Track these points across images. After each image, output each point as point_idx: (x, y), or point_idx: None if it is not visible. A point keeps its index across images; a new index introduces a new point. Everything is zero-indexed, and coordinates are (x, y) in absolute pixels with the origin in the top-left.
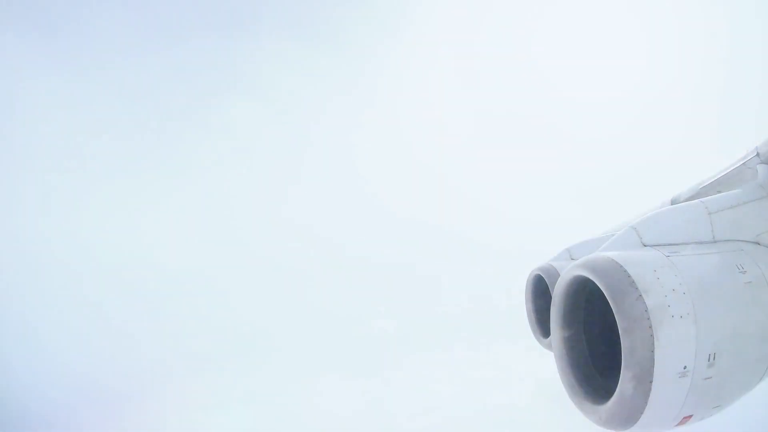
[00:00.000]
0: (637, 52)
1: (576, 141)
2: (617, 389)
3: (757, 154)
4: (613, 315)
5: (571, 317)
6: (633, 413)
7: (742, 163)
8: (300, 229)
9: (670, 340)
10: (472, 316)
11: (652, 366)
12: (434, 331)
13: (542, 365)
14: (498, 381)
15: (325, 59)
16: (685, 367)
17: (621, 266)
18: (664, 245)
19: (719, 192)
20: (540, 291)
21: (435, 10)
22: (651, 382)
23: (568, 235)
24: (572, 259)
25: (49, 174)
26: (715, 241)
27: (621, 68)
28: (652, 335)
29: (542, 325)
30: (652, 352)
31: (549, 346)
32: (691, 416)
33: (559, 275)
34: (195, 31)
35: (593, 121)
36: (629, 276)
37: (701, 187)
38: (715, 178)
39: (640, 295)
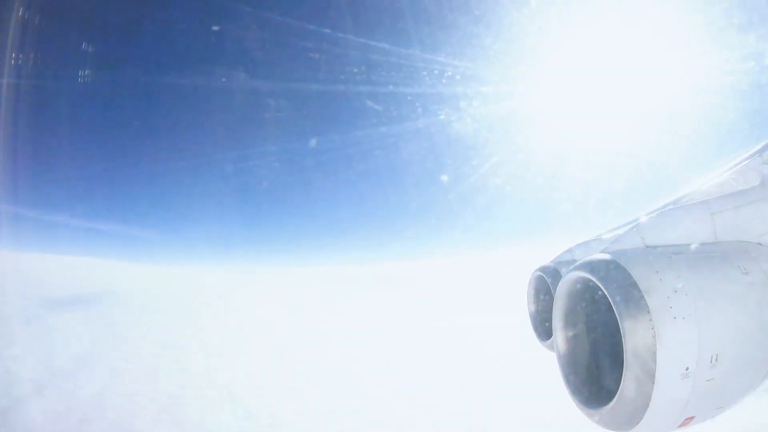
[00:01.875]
0: (643, 56)
1: (578, 142)
2: (619, 390)
3: (761, 155)
4: (615, 316)
5: (572, 318)
6: (635, 415)
7: (745, 163)
8: None
9: (672, 342)
10: (474, 317)
11: (654, 367)
12: (435, 331)
13: (544, 366)
14: (500, 382)
15: None
16: (687, 369)
17: (623, 267)
18: (667, 246)
19: (722, 193)
20: (542, 292)
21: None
22: (653, 383)
23: (570, 236)
24: (574, 259)
25: None
26: (717, 242)
27: (625, 70)
28: (654, 336)
29: (544, 326)
30: (654, 353)
31: (551, 347)
32: (693, 417)
33: (561, 276)
34: None
35: (595, 122)
36: (631, 277)
37: (704, 187)
38: (718, 179)
39: (642, 296)
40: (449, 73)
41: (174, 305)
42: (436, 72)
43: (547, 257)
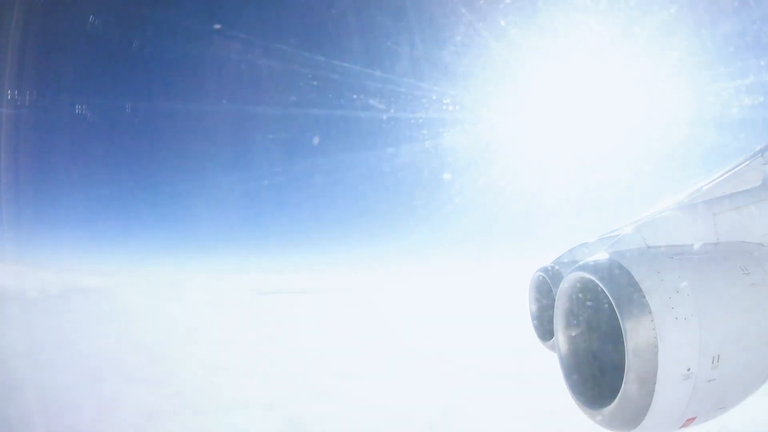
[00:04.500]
0: (643, 55)
1: (579, 143)
2: (620, 391)
3: (762, 156)
4: (617, 316)
5: (574, 319)
6: (636, 415)
7: (746, 164)
8: None
9: (673, 342)
10: (475, 318)
11: (656, 368)
12: (437, 331)
13: (545, 367)
14: (501, 382)
15: None
16: (688, 369)
17: (624, 267)
18: (668, 246)
19: (724, 193)
20: (543, 292)
21: None
22: (654, 384)
23: (571, 237)
24: (575, 260)
25: None
26: (719, 243)
27: (625, 70)
28: (655, 337)
29: (545, 327)
30: (656, 354)
31: (552, 348)
32: (694, 418)
33: (562, 276)
34: None
35: (597, 124)
36: (633, 277)
37: (705, 188)
38: (720, 179)
39: (644, 297)
40: (448, 86)
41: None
42: (434, 89)
43: (548, 258)
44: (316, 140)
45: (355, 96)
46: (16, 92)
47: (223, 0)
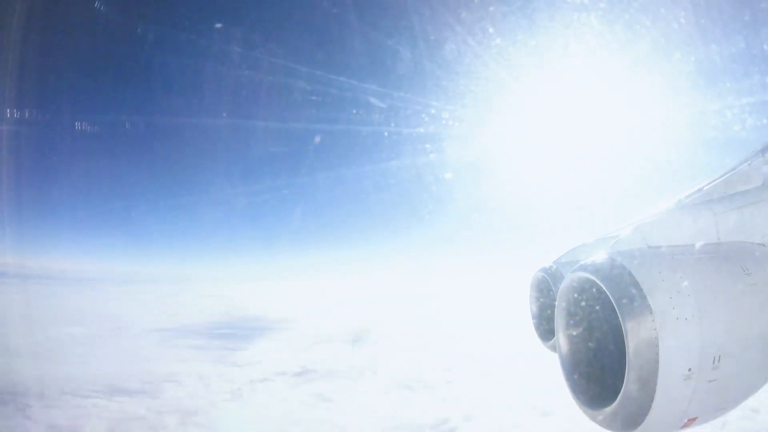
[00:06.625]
0: (644, 54)
1: (579, 142)
2: (621, 391)
3: (763, 156)
4: (618, 317)
5: (575, 319)
6: (637, 415)
7: (747, 164)
8: None
9: (674, 342)
10: (475, 318)
11: (657, 368)
12: (439, 331)
13: (545, 367)
14: (502, 382)
15: None
16: (689, 370)
17: (625, 267)
18: (669, 246)
19: (725, 193)
20: (544, 293)
21: None
22: (655, 384)
23: (571, 237)
24: (576, 260)
25: None
26: (720, 243)
27: (626, 69)
28: (656, 337)
29: (546, 327)
30: (657, 354)
31: (553, 348)
32: (695, 418)
33: (563, 276)
34: None
35: (597, 122)
36: (633, 277)
37: (706, 188)
38: (720, 179)
39: (645, 297)
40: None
41: None
42: (432, 101)
43: (548, 258)
44: (317, 141)
45: (381, 105)
46: (15, 102)
47: (226, 12)
